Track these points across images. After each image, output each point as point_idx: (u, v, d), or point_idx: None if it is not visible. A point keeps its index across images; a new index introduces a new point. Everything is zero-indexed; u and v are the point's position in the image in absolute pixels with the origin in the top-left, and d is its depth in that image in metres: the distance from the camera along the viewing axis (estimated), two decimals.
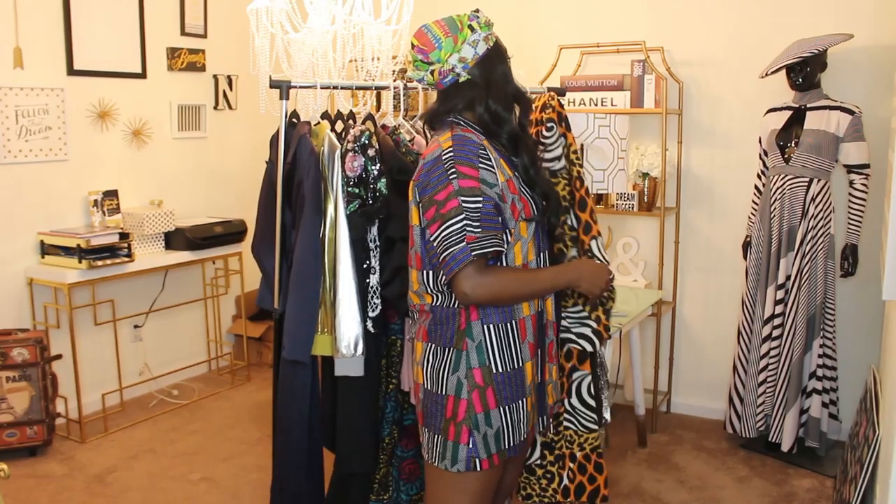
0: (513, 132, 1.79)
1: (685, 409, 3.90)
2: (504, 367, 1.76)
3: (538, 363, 1.85)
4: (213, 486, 3.13)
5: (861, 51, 3.31)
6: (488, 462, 1.75)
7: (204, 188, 4.41)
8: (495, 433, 1.75)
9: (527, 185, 1.79)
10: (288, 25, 2.53)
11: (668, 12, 3.71)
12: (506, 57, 1.81)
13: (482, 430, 1.74)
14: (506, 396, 1.76)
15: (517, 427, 1.79)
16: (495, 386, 1.75)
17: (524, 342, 1.78)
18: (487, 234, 1.66)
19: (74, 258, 3.45)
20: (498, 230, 1.69)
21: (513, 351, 1.77)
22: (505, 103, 1.78)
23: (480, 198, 1.66)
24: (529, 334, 1.80)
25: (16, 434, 3.34)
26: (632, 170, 3.67)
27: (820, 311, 3.21)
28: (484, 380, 1.74)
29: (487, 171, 1.69)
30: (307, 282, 2.27)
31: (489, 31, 1.77)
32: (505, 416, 1.76)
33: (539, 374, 1.85)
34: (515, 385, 1.77)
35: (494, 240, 1.67)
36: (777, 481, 3.16)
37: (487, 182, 1.68)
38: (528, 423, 1.82)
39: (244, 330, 4.41)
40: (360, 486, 2.42)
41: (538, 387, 1.86)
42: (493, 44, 1.77)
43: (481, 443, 1.74)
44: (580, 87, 3.70)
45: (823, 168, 3.17)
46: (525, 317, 1.78)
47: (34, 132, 3.55)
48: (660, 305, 3.68)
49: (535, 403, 1.84)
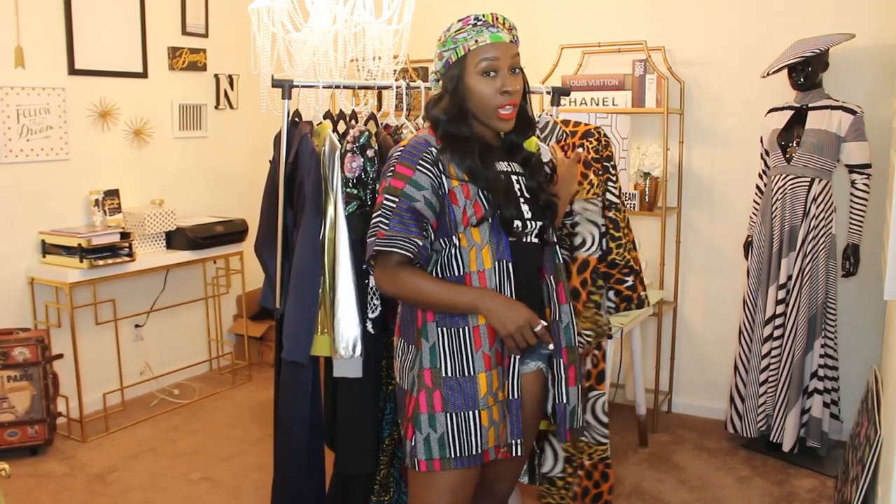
0: (452, 138, 1.76)
1: (686, 408, 3.90)
2: (454, 374, 1.73)
3: (506, 378, 1.76)
4: (213, 486, 3.14)
5: (863, 50, 3.30)
6: (426, 465, 1.73)
7: (205, 188, 4.41)
8: (439, 438, 1.73)
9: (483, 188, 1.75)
10: (289, 25, 2.53)
11: (670, 12, 3.70)
12: (478, 72, 1.73)
13: (424, 432, 1.73)
14: (454, 403, 1.72)
15: (467, 440, 1.73)
16: (443, 390, 1.73)
17: (478, 351, 1.73)
18: (394, 235, 1.71)
19: (76, 257, 3.45)
20: (409, 233, 1.70)
21: (464, 358, 1.73)
22: (453, 113, 1.76)
23: (398, 198, 1.71)
24: (486, 344, 1.73)
25: (17, 433, 3.34)
26: (633, 169, 3.67)
27: (821, 310, 3.21)
28: (433, 381, 1.74)
29: (423, 174, 1.72)
30: (307, 282, 2.27)
31: (454, 46, 1.74)
32: (451, 423, 1.72)
33: (511, 389, 1.77)
34: (465, 395, 1.72)
35: (401, 241, 1.70)
36: (778, 481, 3.16)
37: (418, 184, 1.71)
38: (484, 439, 1.73)
39: (245, 329, 4.41)
40: (361, 486, 2.42)
41: (508, 403, 1.76)
42: (460, 57, 1.74)
43: (422, 444, 1.73)
44: (581, 86, 3.69)
45: (825, 168, 3.17)
46: (480, 325, 1.73)
47: (35, 132, 3.55)
48: (661, 305, 3.68)
49: (500, 421, 1.75)
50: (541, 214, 1.84)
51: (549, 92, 2.59)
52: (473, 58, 1.73)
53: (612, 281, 2.37)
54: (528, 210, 1.81)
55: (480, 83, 1.73)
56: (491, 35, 1.74)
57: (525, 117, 1.86)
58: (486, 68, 1.72)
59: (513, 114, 1.76)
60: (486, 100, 1.73)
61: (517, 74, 1.77)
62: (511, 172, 1.84)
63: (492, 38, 1.74)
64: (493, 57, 1.73)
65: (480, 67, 1.73)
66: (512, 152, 1.88)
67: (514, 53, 1.76)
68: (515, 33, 1.80)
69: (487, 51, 1.73)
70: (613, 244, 2.34)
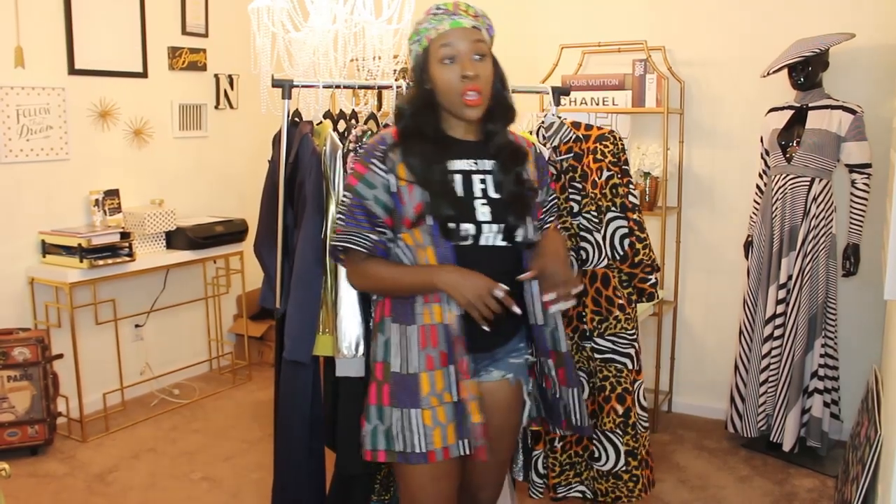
0: (406, 133, 1.75)
1: (686, 408, 3.90)
2: (398, 369, 1.75)
3: (453, 380, 1.73)
4: (214, 486, 3.13)
5: (863, 50, 3.30)
6: (371, 455, 1.78)
7: (205, 187, 4.41)
8: (386, 430, 1.76)
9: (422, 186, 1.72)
10: (289, 24, 2.53)
11: (670, 12, 3.70)
12: (437, 60, 1.70)
13: (373, 423, 1.78)
14: (399, 399, 1.74)
15: (410, 437, 1.73)
16: (391, 385, 1.76)
17: (422, 351, 1.72)
18: (349, 231, 1.74)
19: (76, 257, 3.45)
20: (362, 229, 1.73)
21: (407, 355, 1.74)
22: (418, 105, 1.75)
23: (351, 195, 1.75)
24: (430, 344, 1.72)
25: (17, 433, 3.34)
26: (633, 169, 3.67)
27: (821, 310, 3.21)
28: (383, 375, 1.78)
29: (374, 173, 1.73)
30: (309, 282, 2.27)
31: (418, 38, 1.74)
32: (397, 418, 1.74)
33: (457, 391, 1.73)
34: (408, 392, 1.73)
35: (355, 237, 1.74)
36: (778, 481, 3.16)
37: (370, 182, 1.73)
38: (429, 439, 1.72)
39: (245, 329, 4.41)
40: (362, 486, 2.42)
41: (457, 406, 1.73)
42: (425, 48, 1.73)
43: (370, 434, 1.78)
44: (581, 86, 3.69)
45: (825, 168, 3.17)
46: (426, 325, 1.72)
47: (35, 131, 3.55)
48: (661, 305, 3.68)
49: (445, 423, 1.72)
50: (505, 215, 1.75)
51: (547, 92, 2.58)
52: (435, 46, 1.71)
53: (636, 280, 2.40)
54: (489, 211, 1.74)
55: (442, 70, 1.70)
56: (451, 22, 1.70)
57: (503, 105, 1.80)
58: (445, 55, 1.69)
59: (478, 100, 1.70)
60: (448, 87, 1.70)
61: (482, 60, 1.71)
62: (475, 171, 1.77)
63: (451, 25, 1.70)
64: (451, 43, 1.69)
65: (440, 54, 1.70)
66: (487, 147, 1.80)
67: (476, 39, 1.70)
68: (484, 21, 1.75)
69: (446, 37, 1.70)
70: (640, 245, 2.37)
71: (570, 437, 2.44)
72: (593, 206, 2.33)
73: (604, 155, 2.33)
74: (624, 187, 2.35)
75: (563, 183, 2.34)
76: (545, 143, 2.36)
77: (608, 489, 2.44)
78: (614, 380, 2.38)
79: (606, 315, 2.36)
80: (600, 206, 2.34)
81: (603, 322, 2.36)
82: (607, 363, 2.38)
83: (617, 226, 2.35)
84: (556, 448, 2.42)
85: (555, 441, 2.42)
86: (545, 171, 1.94)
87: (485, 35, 1.74)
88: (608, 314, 2.36)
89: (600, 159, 2.33)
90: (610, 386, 2.39)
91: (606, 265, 2.35)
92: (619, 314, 2.36)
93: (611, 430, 2.40)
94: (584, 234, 2.34)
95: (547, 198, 1.95)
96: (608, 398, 2.39)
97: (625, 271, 2.38)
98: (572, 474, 2.47)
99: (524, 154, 1.85)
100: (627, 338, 2.38)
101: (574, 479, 2.48)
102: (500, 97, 1.79)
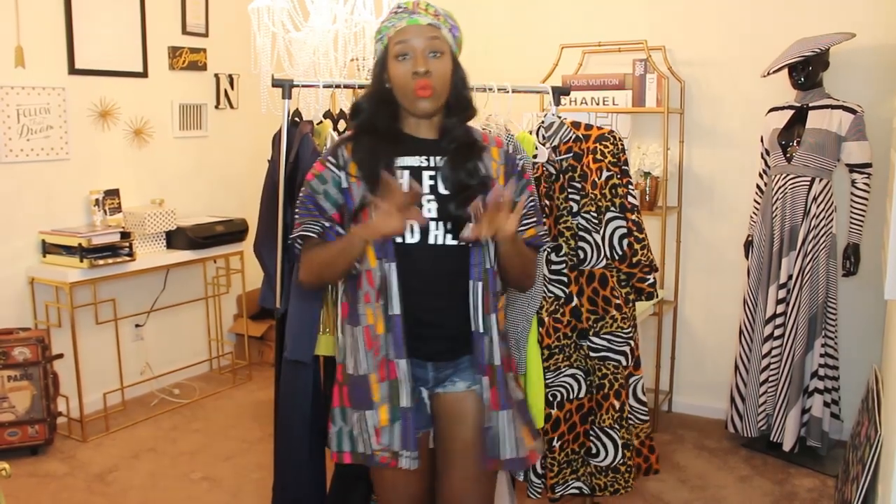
0: (362, 127, 1.77)
1: (686, 408, 3.90)
2: (352, 371, 1.77)
3: (395, 384, 1.72)
4: (214, 486, 3.14)
5: (863, 50, 3.30)
6: (337, 456, 1.81)
7: (205, 187, 4.41)
8: (349, 432, 1.79)
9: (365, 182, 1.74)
10: (289, 24, 2.53)
11: (670, 11, 3.70)
12: (393, 57, 1.70)
13: (338, 425, 1.81)
14: (355, 401, 1.77)
15: (371, 440, 1.74)
16: (349, 387, 1.78)
17: (369, 351, 1.73)
18: (303, 221, 1.76)
19: (76, 257, 3.45)
20: (313, 216, 1.75)
21: (358, 355, 1.76)
22: (375, 101, 1.76)
23: (305, 189, 1.78)
24: (374, 346, 1.72)
25: (17, 433, 3.34)
26: (633, 169, 3.67)
27: (822, 310, 3.21)
28: (343, 377, 1.81)
29: (328, 170, 1.76)
30: None
31: (380, 37, 1.75)
32: (357, 419, 1.76)
33: (403, 396, 1.71)
34: (361, 393, 1.75)
35: (308, 224, 1.75)
36: (778, 481, 3.16)
37: (323, 178, 1.76)
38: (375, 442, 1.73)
39: (245, 329, 4.41)
40: (362, 486, 2.42)
41: (403, 411, 1.72)
42: (385, 46, 1.74)
43: (335, 436, 1.81)
44: (582, 86, 3.69)
45: (825, 167, 3.17)
46: (369, 326, 1.72)
47: (35, 131, 3.55)
48: (661, 305, 3.68)
49: (388, 426, 1.72)
50: (451, 213, 1.71)
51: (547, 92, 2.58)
52: (392, 43, 1.71)
53: (634, 280, 2.41)
54: (437, 208, 1.71)
55: (396, 67, 1.70)
56: (409, 20, 1.70)
57: (461, 102, 1.77)
58: (400, 51, 1.69)
59: (429, 93, 1.67)
60: (401, 83, 1.69)
61: (437, 58, 1.69)
62: (425, 168, 1.75)
63: (409, 23, 1.70)
64: (406, 40, 1.69)
65: (395, 51, 1.70)
66: (444, 144, 1.76)
67: (432, 36, 1.69)
68: (447, 21, 1.74)
69: (403, 34, 1.70)
70: (638, 245, 2.38)
71: (568, 436, 2.44)
72: (593, 207, 2.34)
73: (603, 155, 2.33)
74: (623, 187, 2.36)
75: (563, 183, 2.34)
76: (545, 142, 2.36)
77: (607, 483, 2.46)
78: (612, 377, 2.39)
79: (603, 314, 2.37)
80: (600, 206, 2.34)
81: (599, 321, 2.37)
82: (604, 361, 2.39)
83: (616, 226, 2.36)
84: (555, 447, 2.42)
85: (553, 441, 2.42)
86: (514, 169, 1.84)
87: (444, 34, 1.72)
88: (605, 313, 2.36)
89: (600, 159, 2.33)
90: (609, 383, 2.40)
91: (605, 266, 2.36)
92: (616, 313, 2.37)
93: (609, 427, 2.41)
94: (583, 233, 2.34)
95: (519, 199, 1.79)
96: (607, 395, 2.40)
97: (623, 271, 2.39)
98: (569, 472, 2.48)
99: (479, 148, 1.79)
100: (623, 336, 2.39)
101: (571, 477, 2.49)
102: (459, 96, 1.76)
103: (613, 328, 2.37)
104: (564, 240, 2.34)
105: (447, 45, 1.72)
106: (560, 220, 2.34)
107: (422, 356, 1.77)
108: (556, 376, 2.39)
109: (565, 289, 2.35)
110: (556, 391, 2.40)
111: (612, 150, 2.34)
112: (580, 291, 2.37)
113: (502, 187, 1.67)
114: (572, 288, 2.36)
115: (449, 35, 1.73)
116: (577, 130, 2.37)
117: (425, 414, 1.83)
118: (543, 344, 2.34)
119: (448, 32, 1.73)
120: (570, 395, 2.42)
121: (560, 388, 2.40)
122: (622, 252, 2.36)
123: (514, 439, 1.77)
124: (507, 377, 1.80)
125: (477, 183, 1.73)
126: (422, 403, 1.82)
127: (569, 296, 2.36)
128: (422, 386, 1.81)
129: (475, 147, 1.79)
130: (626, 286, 2.42)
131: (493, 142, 1.85)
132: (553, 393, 2.39)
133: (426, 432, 1.85)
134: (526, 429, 1.80)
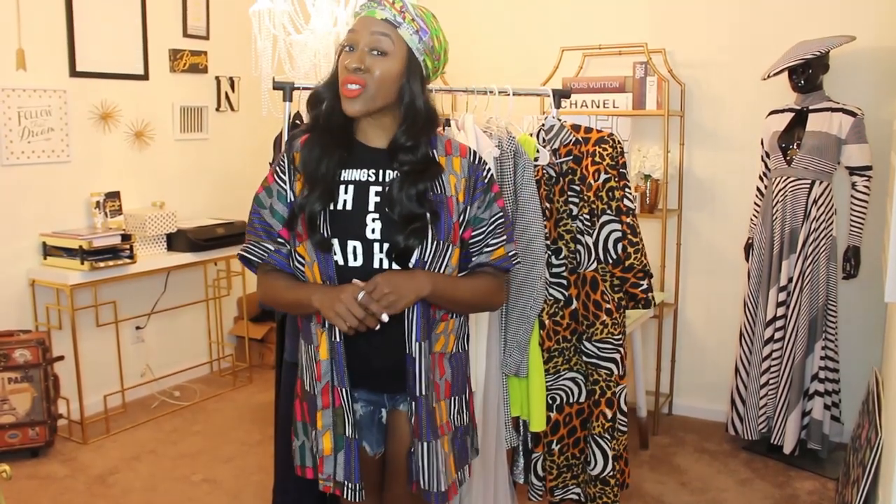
0: (316, 122, 1.64)
1: (687, 411, 3.89)
2: (308, 388, 1.72)
3: (340, 412, 1.65)
4: (214, 488, 3.14)
5: (863, 53, 3.30)
6: (300, 471, 1.77)
7: (206, 190, 4.41)
8: (311, 446, 1.73)
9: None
10: (290, 27, 2.53)
11: (670, 14, 3.71)
12: (342, 46, 1.57)
13: (300, 439, 1.77)
14: (311, 417, 1.71)
15: (314, 458, 1.71)
16: (307, 403, 1.73)
17: (315, 375, 1.68)
18: (250, 240, 1.68)
19: (76, 259, 3.45)
20: (260, 238, 1.66)
21: (311, 372, 1.69)
22: (328, 88, 1.62)
23: (253, 203, 1.69)
24: (317, 369, 1.66)
25: (18, 435, 3.34)
26: (634, 172, 3.67)
27: (822, 313, 3.21)
28: (301, 391, 1.76)
29: (276, 182, 1.66)
30: None
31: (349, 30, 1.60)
32: (314, 436, 1.70)
33: (347, 425, 1.64)
34: (313, 411, 1.69)
35: (253, 247, 1.67)
36: (779, 483, 3.16)
37: (270, 191, 1.67)
38: (323, 464, 1.67)
39: (246, 331, 4.41)
40: None
41: (346, 441, 1.66)
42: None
43: (298, 450, 1.78)
44: (582, 88, 3.70)
45: (825, 170, 3.17)
46: (317, 346, 1.65)
47: (37, 134, 3.55)
48: (661, 307, 3.68)
49: (332, 454, 1.66)
50: (394, 234, 1.56)
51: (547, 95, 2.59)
52: (348, 31, 1.59)
53: (628, 285, 2.39)
54: (381, 228, 1.58)
55: (341, 58, 1.56)
56: (367, 10, 1.56)
57: (413, 113, 1.57)
58: (346, 41, 1.56)
59: (354, 93, 1.51)
60: (340, 77, 1.55)
61: (381, 56, 1.52)
62: (373, 183, 1.60)
63: (366, 13, 1.56)
64: (356, 30, 1.55)
65: (345, 40, 1.57)
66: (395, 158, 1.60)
67: (381, 32, 1.52)
68: (415, 21, 1.55)
69: (357, 23, 1.56)
70: (632, 249, 2.37)
71: (568, 440, 2.44)
72: (586, 209, 2.34)
73: (602, 158, 2.33)
74: (620, 190, 2.35)
75: (563, 186, 2.34)
76: (545, 145, 2.37)
77: (596, 494, 2.45)
78: (604, 384, 2.39)
79: (594, 320, 2.36)
80: (594, 208, 2.34)
81: (590, 327, 2.37)
82: (595, 368, 2.39)
83: (611, 229, 2.35)
84: (554, 451, 2.43)
85: (552, 444, 2.42)
86: (479, 184, 1.66)
87: (402, 33, 1.54)
88: (595, 319, 2.35)
89: (598, 162, 2.33)
90: (599, 390, 2.39)
91: (595, 268, 2.35)
92: (607, 318, 2.35)
93: (599, 435, 2.41)
94: (579, 236, 2.34)
95: (485, 216, 1.67)
96: (597, 402, 2.40)
97: (616, 275, 2.37)
98: (569, 476, 2.48)
99: (434, 171, 1.60)
100: (613, 343, 2.37)
101: (571, 482, 2.49)
102: (410, 106, 1.57)
103: (604, 335, 2.36)
104: (564, 243, 2.34)
105: (400, 47, 1.54)
106: (560, 223, 2.34)
107: (375, 389, 1.70)
108: (555, 380, 2.39)
109: (565, 291, 2.35)
110: (555, 394, 2.40)
111: (611, 152, 2.34)
112: (578, 295, 2.37)
113: (362, 285, 1.52)
114: (571, 291, 2.36)
115: (410, 36, 1.54)
116: (577, 133, 2.37)
117: (384, 433, 1.78)
118: (544, 347, 2.34)
119: (410, 34, 1.54)
120: (570, 399, 2.42)
121: (559, 391, 2.41)
122: (616, 255, 2.35)
123: (435, 471, 1.66)
124: (440, 405, 1.68)
125: (426, 211, 1.57)
126: (380, 424, 1.76)
127: (568, 298, 2.36)
128: (381, 407, 1.75)
129: (429, 170, 1.60)
130: (619, 291, 2.39)
131: (457, 151, 1.67)
132: (552, 396, 2.39)
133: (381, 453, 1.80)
134: (451, 459, 1.70)
